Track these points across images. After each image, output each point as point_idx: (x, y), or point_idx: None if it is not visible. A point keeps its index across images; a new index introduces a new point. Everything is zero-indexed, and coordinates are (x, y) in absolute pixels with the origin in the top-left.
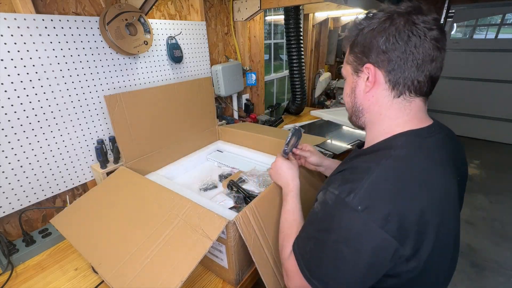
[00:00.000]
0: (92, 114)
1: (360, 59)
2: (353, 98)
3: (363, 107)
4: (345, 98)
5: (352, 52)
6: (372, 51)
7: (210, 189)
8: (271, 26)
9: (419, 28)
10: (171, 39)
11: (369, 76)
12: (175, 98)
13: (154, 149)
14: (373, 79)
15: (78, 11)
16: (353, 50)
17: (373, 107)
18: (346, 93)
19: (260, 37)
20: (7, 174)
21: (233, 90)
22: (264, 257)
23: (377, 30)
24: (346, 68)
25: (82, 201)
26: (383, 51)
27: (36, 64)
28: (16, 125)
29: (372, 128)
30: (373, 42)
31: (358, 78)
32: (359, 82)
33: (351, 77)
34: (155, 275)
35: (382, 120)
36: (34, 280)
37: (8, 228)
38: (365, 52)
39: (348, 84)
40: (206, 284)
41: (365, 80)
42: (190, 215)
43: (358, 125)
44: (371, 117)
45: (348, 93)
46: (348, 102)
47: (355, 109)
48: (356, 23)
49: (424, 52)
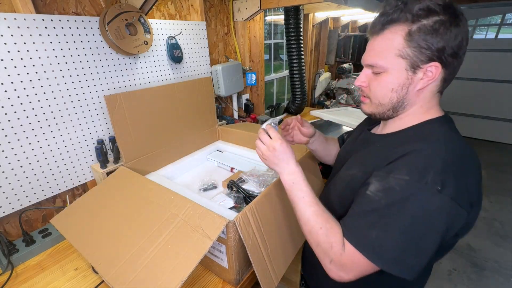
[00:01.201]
0: (92, 114)
1: (425, 56)
2: (401, 94)
3: (409, 102)
4: (387, 93)
5: (414, 46)
6: (445, 50)
7: (210, 189)
8: (271, 26)
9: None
10: (171, 39)
11: (432, 74)
12: (175, 98)
13: (154, 149)
14: (434, 77)
15: (78, 11)
16: (414, 43)
17: (417, 101)
18: (391, 88)
19: (260, 37)
20: (7, 174)
21: (233, 90)
22: (260, 256)
23: (454, 30)
24: (392, 61)
25: (82, 201)
26: (456, 53)
27: (36, 64)
28: (16, 125)
29: (404, 117)
30: (448, 42)
31: (414, 75)
32: (415, 79)
33: (403, 72)
34: (155, 275)
35: (418, 110)
36: (34, 280)
37: (8, 228)
38: (436, 50)
39: (394, 78)
40: (206, 284)
41: (422, 78)
42: (190, 215)
43: (387, 117)
44: (409, 109)
45: (394, 89)
46: (392, 98)
47: (399, 104)
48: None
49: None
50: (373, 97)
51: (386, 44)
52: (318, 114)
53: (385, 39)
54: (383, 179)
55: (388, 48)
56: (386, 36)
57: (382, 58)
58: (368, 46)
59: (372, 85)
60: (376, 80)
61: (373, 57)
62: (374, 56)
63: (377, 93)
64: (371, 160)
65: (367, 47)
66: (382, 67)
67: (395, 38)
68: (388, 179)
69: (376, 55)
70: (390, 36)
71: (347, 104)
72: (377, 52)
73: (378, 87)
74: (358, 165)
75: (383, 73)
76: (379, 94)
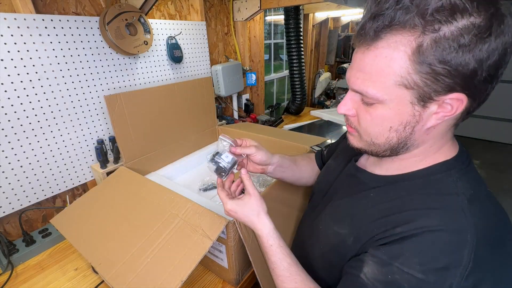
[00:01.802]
0: (92, 114)
1: (443, 85)
2: (404, 135)
3: (414, 143)
4: (383, 132)
5: (425, 71)
6: (476, 75)
7: (210, 189)
8: (271, 26)
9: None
10: (171, 39)
11: (452, 109)
12: (175, 98)
13: (154, 149)
14: (453, 112)
15: (78, 11)
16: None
17: (426, 140)
18: (389, 127)
19: (260, 37)
20: (7, 174)
21: (233, 90)
22: (260, 257)
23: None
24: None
25: (82, 201)
26: (492, 76)
27: (36, 64)
28: (16, 125)
29: (408, 158)
30: (483, 61)
31: (423, 109)
32: (425, 115)
33: (407, 106)
34: (155, 275)
35: (427, 150)
36: (34, 280)
37: (8, 228)
38: (461, 76)
39: (393, 114)
40: (206, 284)
41: (437, 113)
42: (190, 215)
43: (382, 156)
44: (414, 150)
45: (394, 127)
46: (390, 138)
47: (400, 146)
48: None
49: None
50: (363, 133)
51: (381, 64)
52: (318, 114)
53: (380, 57)
54: (384, 265)
55: (384, 71)
56: (382, 52)
57: (375, 86)
58: (354, 60)
59: (362, 117)
60: (368, 112)
61: (362, 82)
62: (363, 81)
63: (368, 129)
64: (364, 219)
65: (353, 60)
66: (375, 98)
67: (395, 57)
68: (391, 268)
69: (367, 78)
70: (388, 53)
71: None
72: (368, 74)
73: (370, 122)
74: (347, 221)
75: (377, 104)
76: (372, 131)
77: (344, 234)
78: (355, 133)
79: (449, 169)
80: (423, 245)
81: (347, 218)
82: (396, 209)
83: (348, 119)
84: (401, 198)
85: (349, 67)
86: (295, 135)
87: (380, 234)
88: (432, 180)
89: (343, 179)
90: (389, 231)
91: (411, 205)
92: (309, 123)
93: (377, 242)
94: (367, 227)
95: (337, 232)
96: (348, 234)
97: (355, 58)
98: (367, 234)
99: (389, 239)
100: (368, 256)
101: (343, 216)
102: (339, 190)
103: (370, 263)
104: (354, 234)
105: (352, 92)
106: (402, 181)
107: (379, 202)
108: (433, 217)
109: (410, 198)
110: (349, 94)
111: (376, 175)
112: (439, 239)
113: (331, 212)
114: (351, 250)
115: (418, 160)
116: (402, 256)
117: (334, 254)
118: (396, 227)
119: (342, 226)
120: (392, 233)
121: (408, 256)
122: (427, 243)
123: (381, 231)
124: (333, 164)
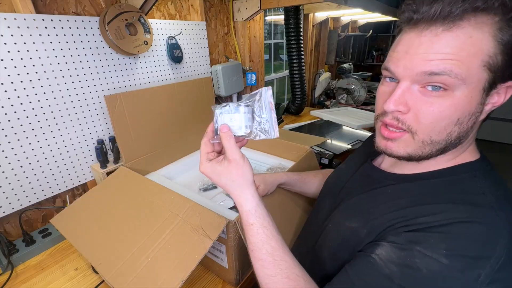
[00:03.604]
0: (92, 114)
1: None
2: (465, 127)
3: (467, 138)
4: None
5: (508, 51)
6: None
7: (210, 189)
8: (271, 26)
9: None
10: (171, 39)
11: (498, 99)
12: (175, 98)
13: (154, 149)
14: (498, 103)
15: (78, 11)
16: (508, 48)
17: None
18: (457, 118)
19: (260, 37)
20: (7, 174)
21: (233, 90)
22: None
23: None
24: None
25: (82, 201)
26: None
27: (36, 64)
28: (16, 125)
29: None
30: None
31: (486, 99)
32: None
33: (479, 93)
34: (155, 275)
35: (463, 147)
36: (34, 280)
37: (8, 228)
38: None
39: (466, 102)
40: (206, 284)
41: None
42: (190, 215)
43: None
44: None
45: (461, 119)
46: (452, 133)
47: (454, 143)
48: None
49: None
50: (422, 131)
51: (466, 44)
52: (318, 114)
53: (464, 36)
54: (403, 249)
55: (471, 51)
56: (466, 32)
57: (461, 64)
58: (419, 45)
59: (424, 110)
60: (433, 104)
61: (444, 61)
62: (443, 60)
63: (433, 124)
64: (380, 211)
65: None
66: (460, 79)
67: (481, 37)
68: (411, 252)
69: (449, 58)
70: (474, 34)
71: (347, 104)
72: (450, 54)
73: (438, 115)
74: (360, 215)
75: (448, 91)
76: (436, 127)
77: (356, 228)
78: (404, 135)
79: (474, 170)
80: (453, 233)
81: (360, 213)
82: (418, 201)
83: (397, 118)
84: (422, 194)
85: (401, 53)
86: (295, 135)
87: (400, 223)
88: (456, 179)
89: (356, 180)
90: (411, 221)
91: (433, 199)
92: (309, 123)
93: (397, 230)
94: (383, 218)
95: (348, 226)
96: (361, 227)
97: (419, 43)
98: (383, 225)
99: (411, 228)
100: (385, 241)
101: (355, 212)
102: (352, 190)
103: (386, 245)
104: (367, 227)
105: (406, 82)
106: (423, 179)
107: (397, 198)
108: (461, 211)
109: (432, 194)
110: (400, 87)
111: (394, 173)
112: (471, 229)
113: (342, 210)
114: (364, 241)
115: (449, 158)
116: (427, 242)
117: (344, 249)
118: (419, 217)
119: (355, 221)
120: (414, 222)
121: (434, 242)
122: (457, 232)
123: (400, 220)
124: (344, 167)
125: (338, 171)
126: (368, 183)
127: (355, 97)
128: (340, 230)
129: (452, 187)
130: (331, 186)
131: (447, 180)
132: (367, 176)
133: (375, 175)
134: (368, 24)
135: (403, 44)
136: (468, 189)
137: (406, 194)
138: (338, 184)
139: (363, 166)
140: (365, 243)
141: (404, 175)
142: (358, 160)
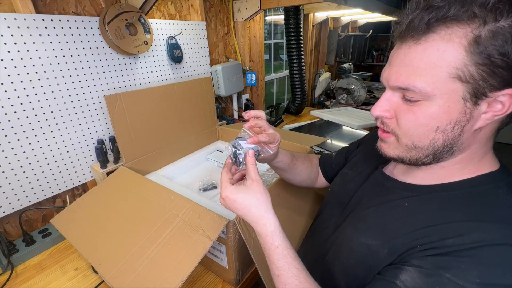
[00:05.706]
0: (92, 114)
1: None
2: (451, 136)
3: (460, 147)
4: (428, 133)
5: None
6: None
7: (210, 189)
8: (271, 26)
9: None
10: (171, 39)
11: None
12: (175, 98)
13: (154, 149)
14: (504, 111)
15: (78, 11)
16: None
17: (472, 144)
18: (435, 127)
19: (260, 37)
20: (7, 174)
21: (233, 90)
22: (264, 257)
23: None
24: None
25: (82, 201)
26: None
27: (36, 64)
28: (16, 125)
29: (449, 166)
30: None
31: (474, 107)
32: (475, 114)
33: (458, 103)
34: (155, 275)
35: (471, 157)
36: (34, 280)
37: (8, 228)
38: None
39: (443, 112)
40: (206, 284)
41: (486, 112)
42: (190, 215)
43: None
44: (458, 156)
45: (441, 127)
46: (435, 140)
47: (445, 149)
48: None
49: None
50: (403, 136)
51: (432, 57)
52: (318, 114)
53: (431, 49)
54: (430, 275)
55: (436, 64)
56: (433, 45)
57: (424, 79)
58: (397, 57)
59: (403, 117)
60: (410, 111)
61: (408, 77)
62: (409, 75)
63: (411, 130)
64: (400, 229)
65: (393, 57)
66: (424, 93)
67: (449, 49)
68: (440, 278)
69: (414, 72)
70: (440, 45)
71: (347, 104)
72: (415, 68)
73: (414, 122)
74: (377, 231)
75: (423, 101)
76: (415, 133)
77: (375, 246)
78: (391, 137)
79: (495, 181)
80: (486, 259)
81: (376, 229)
82: (440, 219)
83: (383, 122)
84: (443, 208)
85: (386, 66)
86: (295, 135)
87: (425, 245)
88: (477, 192)
89: (368, 188)
90: (437, 243)
91: (457, 216)
92: (309, 123)
93: (422, 253)
94: (405, 237)
95: (364, 244)
96: (380, 245)
97: (397, 55)
98: (405, 245)
99: (438, 251)
100: (409, 265)
101: (370, 226)
102: (364, 200)
103: (412, 270)
104: (388, 246)
105: (389, 92)
106: (442, 191)
107: (417, 212)
108: (491, 230)
109: (455, 209)
110: (385, 95)
111: (409, 184)
112: (506, 253)
113: (354, 223)
114: (384, 262)
115: (461, 167)
116: (457, 268)
117: (361, 267)
118: (446, 238)
119: (371, 237)
120: (441, 244)
121: (465, 268)
122: (491, 257)
123: (425, 242)
124: (351, 174)
125: (343, 177)
126: (381, 192)
127: (355, 97)
128: (354, 246)
129: (475, 201)
130: (338, 194)
131: (468, 192)
132: (379, 185)
133: (388, 184)
134: (368, 24)
135: (391, 55)
136: (492, 203)
137: (426, 208)
138: (346, 192)
139: (374, 174)
140: (384, 264)
141: (420, 186)
142: (367, 166)
